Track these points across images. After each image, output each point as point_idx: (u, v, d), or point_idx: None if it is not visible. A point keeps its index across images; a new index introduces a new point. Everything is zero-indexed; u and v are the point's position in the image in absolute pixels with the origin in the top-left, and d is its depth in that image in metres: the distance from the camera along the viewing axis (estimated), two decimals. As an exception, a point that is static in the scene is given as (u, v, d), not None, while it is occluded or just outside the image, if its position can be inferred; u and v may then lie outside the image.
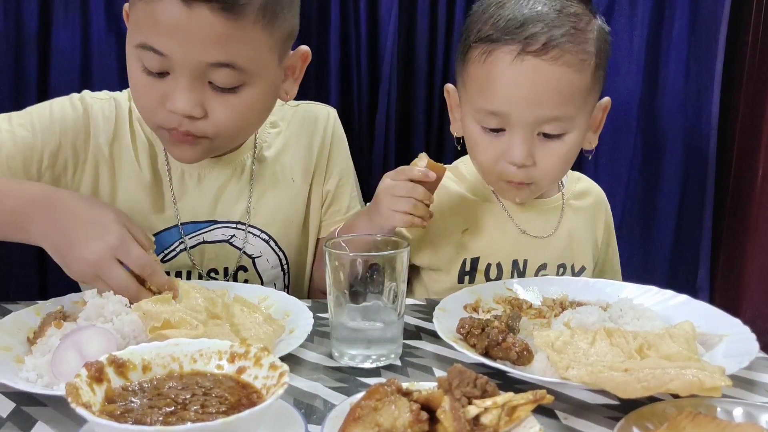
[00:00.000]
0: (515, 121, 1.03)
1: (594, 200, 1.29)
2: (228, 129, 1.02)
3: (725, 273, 1.87)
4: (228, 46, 0.95)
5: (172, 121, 0.99)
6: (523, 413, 0.61)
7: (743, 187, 1.81)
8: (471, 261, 1.19)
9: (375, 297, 0.84)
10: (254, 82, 1.00)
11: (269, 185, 1.20)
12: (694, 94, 1.76)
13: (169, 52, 0.94)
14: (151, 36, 0.94)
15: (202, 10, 0.92)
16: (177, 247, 1.15)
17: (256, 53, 0.98)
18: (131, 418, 0.56)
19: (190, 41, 0.93)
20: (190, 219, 1.16)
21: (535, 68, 1.00)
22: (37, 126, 1.08)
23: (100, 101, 1.14)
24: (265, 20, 0.97)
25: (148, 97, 1.00)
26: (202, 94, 0.98)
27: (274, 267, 1.22)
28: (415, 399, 0.61)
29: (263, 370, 0.63)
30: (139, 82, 0.99)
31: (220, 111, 0.99)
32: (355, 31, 1.65)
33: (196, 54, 0.94)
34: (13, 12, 1.52)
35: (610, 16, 1.71)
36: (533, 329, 0.92)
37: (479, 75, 1.05)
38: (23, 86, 1.55)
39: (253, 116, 1.07)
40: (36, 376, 0.77)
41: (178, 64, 0.95)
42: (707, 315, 0.94)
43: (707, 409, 0.69)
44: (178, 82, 0.96)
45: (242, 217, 1.18)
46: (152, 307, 0.83)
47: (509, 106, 1.02)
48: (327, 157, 1.26)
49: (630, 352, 0.78)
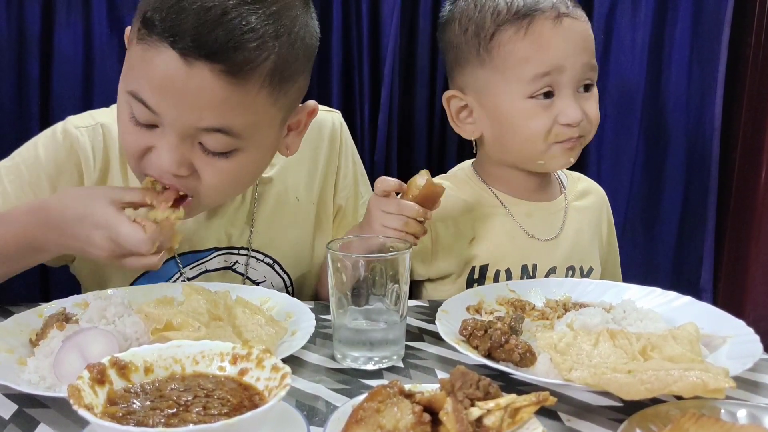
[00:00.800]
0: (568, 77, 1.11)
1: (595, 199, 1.29)
2: (216, 192, 0.96)
3: (729, 274, 1.86)
4: (225, 112, 0.87)
5: (155, 172, 0.93)
6: (526, 415, 0.61)
7: (746, 187, 1.81)
8: (480, 268, 1.18)
9: (377, 299, 0.84)
10: (249, 148, 0.93)
11: (272, 208, 1.16)
12: (697, 95, 1.76)
13: (159, 110, 0.87)
14: (143, 88, 0.87)
15: (202, 71, 0.84)
16: (177, 279, 1.12)
17: (255, 120, 0.91)
18: (133, 420, 0.56)
19: (183, 102, 0.86)
20: (190, 249, 1.12)
21: (571, 25, 1.12)
22: (26, 177, 1.05)
23: (86, 130, 1.08)
24: (272, 86, 0.89)
25: (134, 145, 0.93)
26: (191, 154, 0.91)
27: (280, 290, 1.17)
28: (418, 401, 0.61)
29: (265, 371, 0.63)
30: (127, 129, 0.93)
31: (209, 174, 0.93)
32: (357, 32, 1.66)
33: (188, 117, 0.87)
34: (16, 15, 1.53)
35: (613, 18, 1.72)
36: (536, 331, 0.91)
37: (522, 48, 1.11)
38: (26, 89, 1.56)
39: (245, 180, 1.01)
40: (38, 378, 0.77)
41: (168, 122, 0.88)
42: (711, 316, 0.93)
43: (711, 410, 0.69)
44: (166, 139, 0.89)
45: (244, 242, 1.14)
46: (154, 309, 0.83)
47: (565, 58, 1.10)
48: (336, 170, 1.22)
49: (633, 354, 0.78)
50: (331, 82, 1.66)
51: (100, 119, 1.10)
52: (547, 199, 1.23)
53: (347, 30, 1.65)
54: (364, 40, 1.65)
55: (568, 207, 1.24)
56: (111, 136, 1.08)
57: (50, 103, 1.57)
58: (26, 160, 1.06)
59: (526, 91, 1.11)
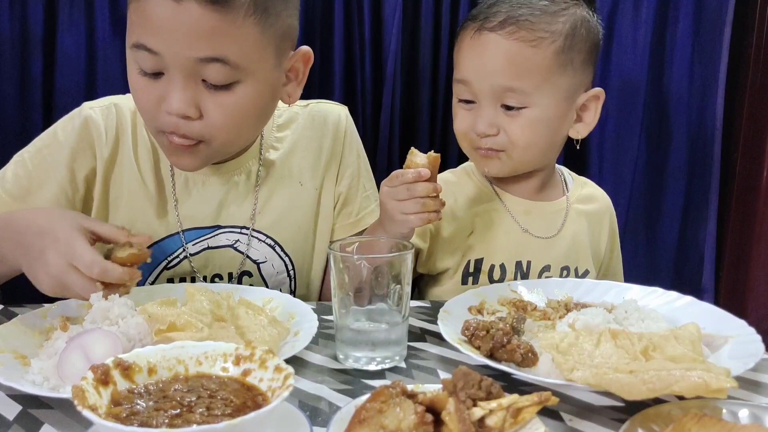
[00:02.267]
0: (478, 91, 1.12)
1: (599, 206, 1.29)
2: (224, 130, 1.00)
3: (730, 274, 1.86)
4: (217, 41, 0.93)
5: (170, 124, 0.98)
6: (528, 415, 0.61)
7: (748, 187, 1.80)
8: (475, 262, 1.19)
9: (380, 299, 0.84)
10: (248, 80, 0.98)
11: (275, 189, 1.19)
12: (698, 94, 1.76)
13: (159, 49, 0.93)
14: (143, 34, 0.94)
15: (189, 4, 0.90)
16: (180, 254, 1.15)
17: (248, 48, 0.96)
18: (137, 421, 0.56)
19: (178, 36, 0.92)
20: (193, 225, 1.15)
21: (489, 41, 1.10)
22: (49, 160, 1.10)
23: (99, 110, 1.13)
24: (257, 15, 0.95)
25: (145, 100, 0.99)
26: (197, 94, 0.97)
27: (280, 273, 1.20)
28: (420, 401, 0.61)
29: (268, 372, 0.63)
30: (137, 85, 0.99)
31: (214, 111, 0.98)
32: (359, 32, 1.66)
33: (184, 49, 0.93)
34: (19, 15, 1.53)
35: (614, 18, 1.72)
36: (538, 331, 0.92)
37: (456, 51, 1.16)
38: (29, 88, 1.56)
39: (250, 117, 1.04)
40: (42, 379, 0.77)
41: (170, 61, 0.94)
42: (712, 316, 0.93)
43: (713, 410, 0.69)
44: (172, 82, 0.95)
45: (246, 222, 1.17)
46: (158, 309, 0.83)
47: (470, 74, 1.12)
48: (339, 159, 1.24)
49: (635, 354, 0.78)
50: (334, 82, 1.66)
51: (114, 100, 1.16)
52: (548, 199, 1.24)
53: (349, 30, 1.66)
54: (366, 40, 1.66)
55: (569, 208, 1.24)
56: (123, 113, 1.14)
57: (53, 103, 1.57)
58: (47, 144, 1.11)
59: (455, 92, 1.17)
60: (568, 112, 1.15)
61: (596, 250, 1.27)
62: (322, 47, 1.65)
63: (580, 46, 1.12)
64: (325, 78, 1.66)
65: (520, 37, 1.08)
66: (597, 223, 1.27)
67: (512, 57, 1.08)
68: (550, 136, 1.14)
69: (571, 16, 1.11)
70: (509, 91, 1.09)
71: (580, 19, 1.12)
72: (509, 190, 1.23)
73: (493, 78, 1.09)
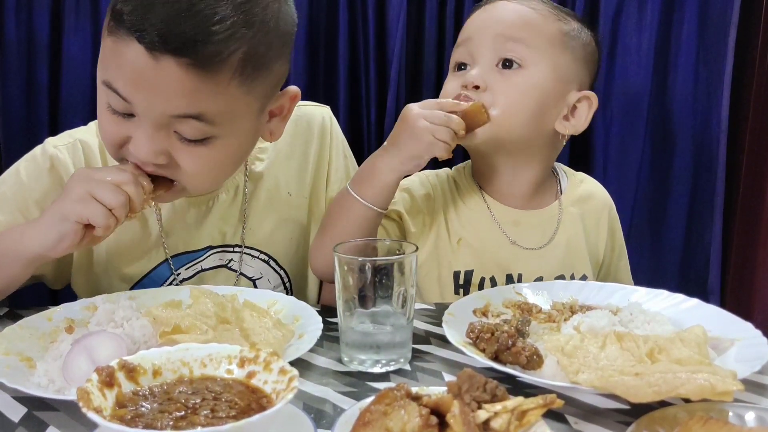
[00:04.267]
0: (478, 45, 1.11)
1: (596, 204, 1.25)
2: (197, 179, 0.96)
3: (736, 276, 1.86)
4: (196, 100, 0.87)
5: (137, 159, 0.93)
6: (533, 418, 0.61)
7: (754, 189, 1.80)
8: (465, 273, 1.16)
9: (384, 301, 0.84)
10: (226, 135, 0.92)
11: (264, 203, 1.16)
12: (703, 96, 1.76)
13: (132, 100, 0.87)
14: (115, 79, 0.87)
15: (169, 64, 0.83)
16: (171, 281, 1.12)
17: (229, 108, 0.90)
18: (142, 423, 0.56)
19: (155, 94, 0.86)
20: (184, 250, 1.12)
21: (500, 4, 1.14)
22: (14, 204, 1.05)
23: (65, 148, 1.08)
24: (244, 76, 0.88)
25: (113, 134, 0.93)
26: (168, 143, 0.91)
27: (277, 287, 1.19)
28: (425, 403, 0.61)
29: (273, 374, 0.63)
30: (105, 120, 0.93)
31: (187, 161, 0.92)
32: (364, 36, 1.66)
33: (160, 106, 0.87)
34: (25, 21, 1.54)
35: (619, 19, 1.71)
36: (543, 333, 0.91)
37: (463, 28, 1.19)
38: (35, 94, 1.57)
39: (227, 166, 0.99)
40: (47, 381, 0.77)
41: (142, 112, 0.88)
42: (718, 319, 0.93)
43: (719, 413, 0.69)
44: (142, 129, 0.89)
45: (238, 240, 1.14)
46: (162, 312, 0.83)
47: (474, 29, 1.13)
48: (327, 164, 1.22)
49: (640, 357, 0.78)
50: (338, 85, 1.67)
51: (77, 136, 1.11)
52: (539, 206, 1.20)
53: (353, 33, 1.66)
54: (370, 44, 1.66)
55: (562, 213, 1.20)
56: (91, 150, 1.09)
57: (59, 108, 1.58)
58: (11, 188, 1.07)
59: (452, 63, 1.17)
60: (560, 98, 1.12)
61: (594, 253, 1.23)
62: (327, 52, 1.65)
63: (581, 42, 1.14)
64: (330, 81, 1.66)
65: (531, 6, 1.12)
66: (594, 223, 1.23)
67: (522, 14, 1.12)
68: (539, 107, 1.10)
69: (576, 22, 1.15)
70: (511, 41, 1.09)
71: (584, 27, 1.16)
72: (499, 198, 1.19)
73: (498, 27, 1.10)
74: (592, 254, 1.23)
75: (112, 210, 0.88)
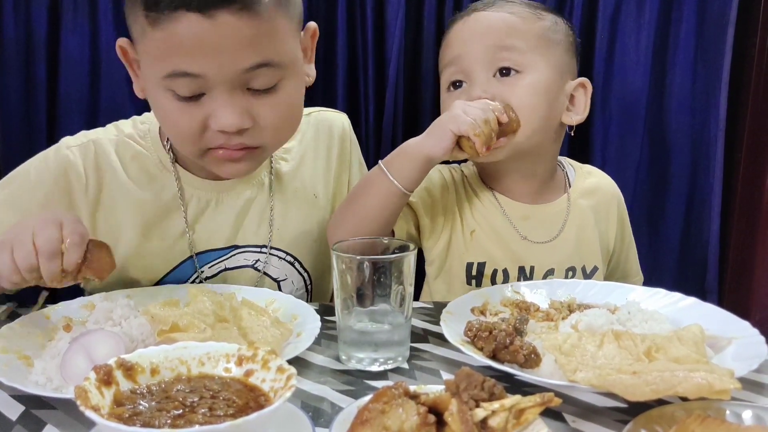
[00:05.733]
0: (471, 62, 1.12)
1: (605, 196, 1.26)
2: (278, 131, 1.00)
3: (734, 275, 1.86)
4: (259, 45, 0.91)
5: (220, 138, 0.95)
6: (531, 416, 0.61)
7: (751, 188, 1.80)
8: (478, 265, 1.18)
9: (382, 300, 0.84)
10: (290, 75, 0.97)
11: (291, 203, 1.16)
12: (701, 95, 1.76)
13: (202, 71, 0.89)
14: (181, 61, 0.89)
15: (224, 17, 0.86)
16: (194, 279, 1.12)
17: (285, 44, 0.95)
18: (140, 421, 0.56)
19: (222, 53, 0.88)
20: (208, 247, 1.11)
21: (480, 16, 1.14)
22: (19, 202, 1.05)
23: (77, 149, 1.08)
24: (282, 7, 0.93)
25: (187, 125, 0.94)
26: (246, 103, 0.94)
27: (299, 289, 1.18)
28: (423, 402, 0.61)
29: (271, 373, 0.63)
30: (174, 112, 0.94)
31: (267, 114, 0.96)
32: (362, 34, 1.66)
33: (230, 63, 0.90)
34: (23, 18, 1.54)
35: (617, 19, 1.71)
36: (541, 332, 0.92)
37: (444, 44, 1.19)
38: (33, 91, 1.57)
39: (297, 110, 1.03)
40: (45, 380, 0.77)
41: (215, 80, 0.90)
42: (716, 317, 0.93)
43: (716, 412, 0.69)
44: (218, 99, 0.92)
45: (264, 240, 1.14)
46: (160, 310, 0.83)
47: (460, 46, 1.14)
48: (348, 168, 1.24)
49: (638, 355, 0.78)
50: (337, 84, 1.66)
51: (92, 137, 1.10)
52: (548, 200, 1.22)
53: (352, 32, 1.66)
54: (368, 43, 1.66)
55: (571, 206, 1.22)
56: (104, 149, 1.09)
57: (57, 106, 1.58)
58: (20, 187, 1.07)
59: (443, 82, 1.18)
60: (560, 91, 1.14)
61: (605, 244, 1.24)
62: (325, 52, 1.65)
63: (563, 33, 1.17)
64: (329, 80, 1.66)
65: (511, 11, 1.13)
66: (604, 214, 1.25)
67: (505, 20, 1.12)
68: (548, 106, 1.12)
69: (550, 14, 1.17)
70: (504, 50, 1.10)
71: (557, 17, 1.18)
72: (508, 194, 1.20)
73: (487, 39, 1.11)
74: (603, 246, 1.24)
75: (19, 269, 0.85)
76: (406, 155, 1.05)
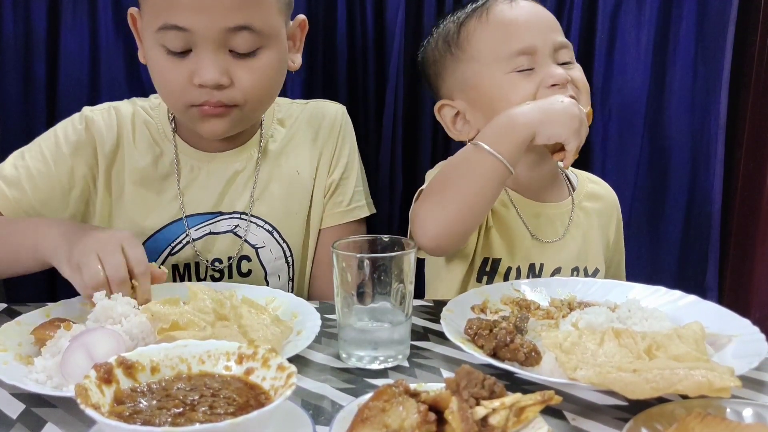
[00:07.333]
0: (542, 52, 1.14)
1: (606, 204, 1.30)
2: (254, 93, 1.08)
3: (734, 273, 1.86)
4: (245, 10, 1.02)
5: (202, 95, 1.05)
6: (531, 414, 0.61)
7: (751, 186, 1.80)
8: (492, 261, 1.19)
9: (382, 298, 0.84)
10: (270, 45, 1.07)
11: (273, 176, 1.24)
12: (701, 93, 1.76)
13: (191, 25, 1.01)
14: (173, 15, 1.01)
15: None
16: (183, 239, 1.20)
17: (269, 16, 1.06)
18: (140, 419, 0.56)
19: (211, 10, 1.00)
20: (196, 211, 1.20)
21: (527, 5, 1.19)
22: (47, 154, 1.15)
23: (99, 112, 1.19)
24: None
25: (174, 78, 1.05)
26: (226, 63, 1.05)
27: (278, 258, 1.24)
28: (423, 400, 0.61)
29: (271, 371, 0.63)
30: (165, 66, 1.06)
31: (244, 77, 1.06)
32: (362, 32, 1.66)
33: (216, 21, 1.01)
34: (22, 16, 1.53)
35: (617, 17, 1.71)
36: (541, 330, 0.91)
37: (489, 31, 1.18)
38: (32, 89, 1.56)
39: (274, 79, 1.12)
40: (45, 378, 0.77)
41: (201, 35, 1.02)
42: (716, 315, 0.93)
43: (716, 409, 0.69)
44: (202, 55, 1.03)
45: (245, 208, 1.22)
46: (160, 308, 0.83)
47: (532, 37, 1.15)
48: (333, 149, 1.28)
49: (638, 353, 0.78)
50: (337, 82, 1.66)
51: (113, 104, 1.22)
52: (555, 199, 1.25)
53: (352, 29, 1.65)
54: (369, 40, 1.66)
55: (575, 208, 1.25)
56: (122, 115, 1.20)
57: (56, 104, 1.57)
58: (46, 140, 1.17)
59: (505, 68, 1.15)
60: None
61: (606, 247, 1.28)
62: (325, 48, 1.64)
63: None
64: (329, 77, 1.66)
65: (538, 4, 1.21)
66: (606, 220, 1.28)
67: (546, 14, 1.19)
68: None
69: None
70: (564, 48, 1.16)
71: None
72: (519, 191, 1.23)
73: (550, 34, 1.16)
74: (605, 249, 1.28)
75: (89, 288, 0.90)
76: (515, 130, 1.02)
